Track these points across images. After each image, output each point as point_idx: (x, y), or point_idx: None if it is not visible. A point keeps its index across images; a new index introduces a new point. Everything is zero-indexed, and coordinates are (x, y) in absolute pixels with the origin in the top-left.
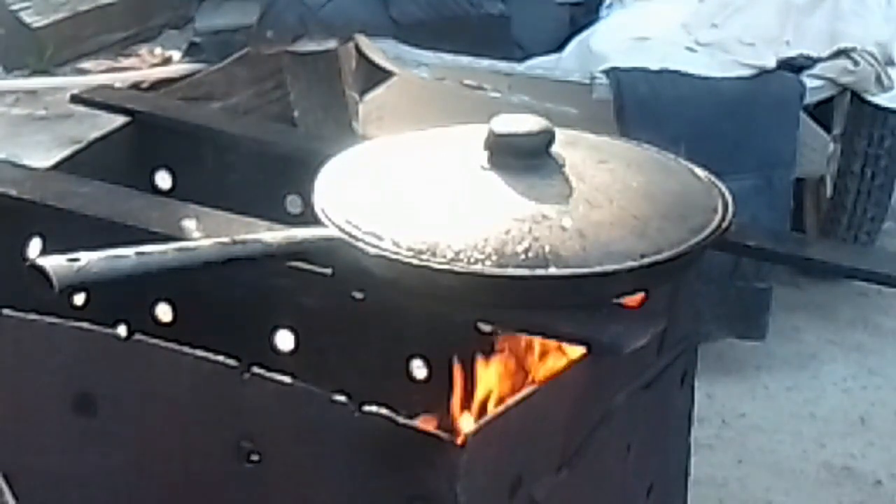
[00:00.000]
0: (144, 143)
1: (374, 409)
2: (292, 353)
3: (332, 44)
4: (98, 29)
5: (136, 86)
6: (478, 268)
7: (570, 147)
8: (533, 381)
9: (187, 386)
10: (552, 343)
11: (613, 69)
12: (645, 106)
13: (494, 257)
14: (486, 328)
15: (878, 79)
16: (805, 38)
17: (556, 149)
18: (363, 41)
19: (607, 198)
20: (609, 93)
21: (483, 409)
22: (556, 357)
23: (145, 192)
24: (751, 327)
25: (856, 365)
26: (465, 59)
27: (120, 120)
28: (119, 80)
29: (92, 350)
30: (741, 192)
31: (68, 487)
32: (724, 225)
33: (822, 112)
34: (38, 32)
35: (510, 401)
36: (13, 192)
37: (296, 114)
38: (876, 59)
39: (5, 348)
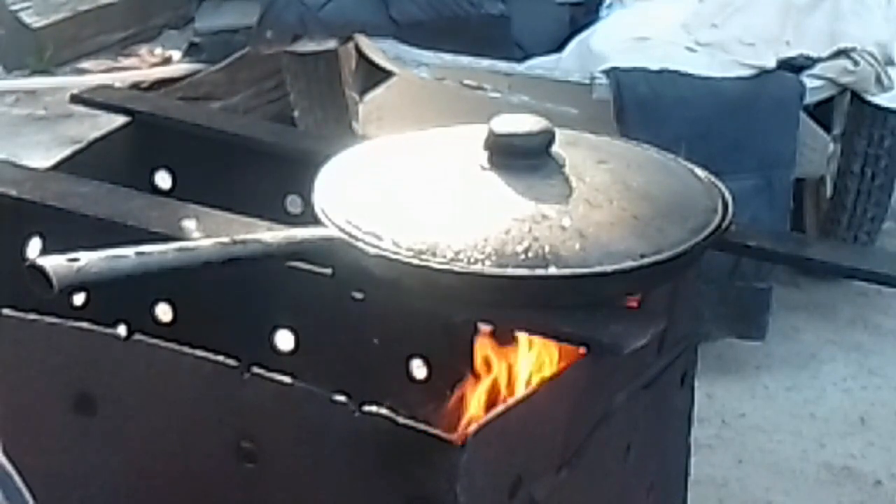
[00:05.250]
0: (144, 143)
1: (374, 409)
2: (292, 353)
3: (332, 44)
4: (98, 29)
5: (136, 86)
6: (478, 268)
7: (570, 147)
8: (533, 381)
9: (187, 386)
10: (552, 343)
11: (613, 69)
12: (645, 106)
13: (494, 257)
14: (486, 328)
15: (878, 79)
16: (805, 38)
17: (556, 149)
18: (363, 41)
19: (607, 198)
20: (609, 93)
21: (483, 408)
22: (555, 357)
23: (145, 192)
24: (751, 327)
25: (856, 365)
26: (465, 59)
27: (120, 120)
28: (119, 80)
29: (92, 350)
30: (741, 192)
31: (68, 487)
32: (724, 225)
33: (822, 112)
34: (38, 32)
35: (510, 401)
36: (13, 192)
37: (296, 114)
38: (876, 59)
39: (5, 348)
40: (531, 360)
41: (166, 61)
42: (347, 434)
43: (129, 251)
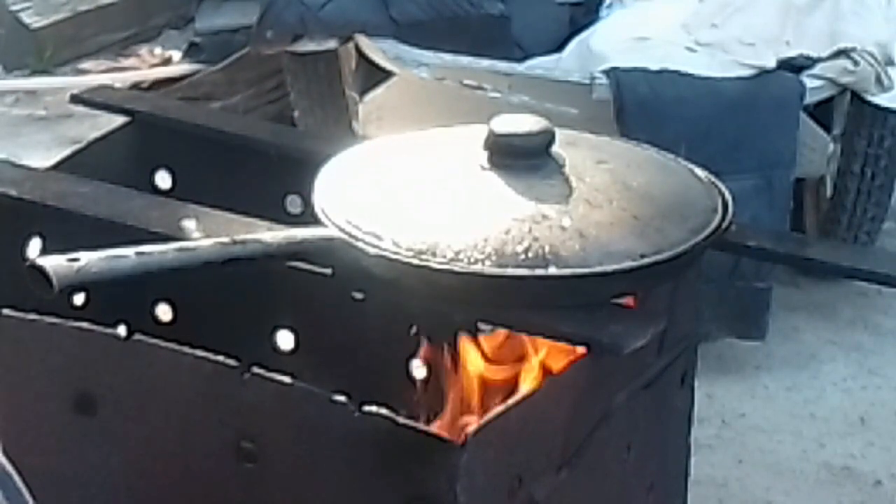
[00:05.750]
0: (144, 143)
1: (374, 409)
2: (292, 353)
3: (332, 44)
4: (98, 29)
5: (136, 86)
6: (478, 268)
7: (570, 147)
8: (533, 381)
9: (187, 386)
10: (552, 343)
11: (613, 69)
12: (645, 106)
13: (494, 257)
14: (486, 328)
15: (878, 79)
16: (805, 38)
17: (556, 149)
18: (363, 41)
19: (607, 198)
20: (609, 93)
21: (483, 409)
22: (555, 357)
23: (145, 192)
24: (751, 327)
25: (856, 365)
26: (465, 59)
27: (120, 120)
28: (119, 80)
29: (92, 350)
30: (741, 192)
31: (68, 487)
32: (724, 225)
33: (822, 112)
34: (38, 32)
35: (510, 401)
36: (13, 192)
37: (296, 114)
38: (876, 59)
39: (5, 348)
40: (531, 360)
41: (166, 61)
42: (347, 434)
43: (129, 251)
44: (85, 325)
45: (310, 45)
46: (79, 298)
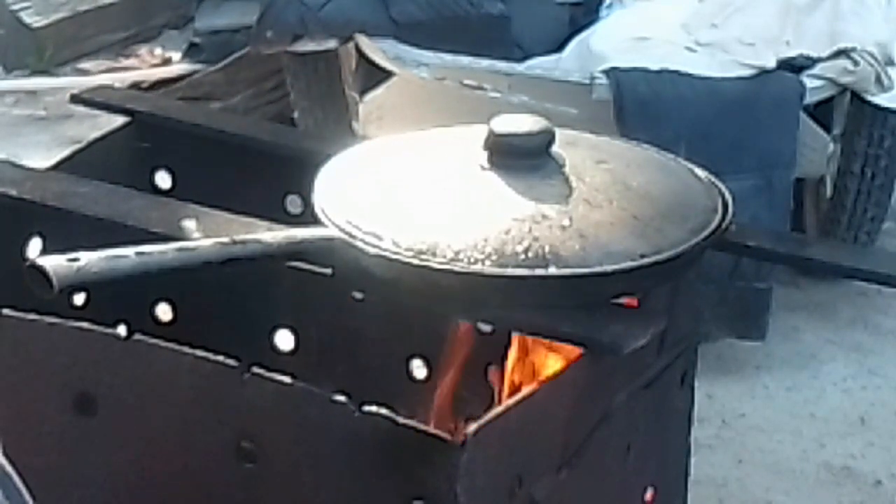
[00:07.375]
0: (144, 143)
1: (374, 409)
2: (292, 353)
3: (332, 44)
4: (98, 29)
5: (136, 86)
6: (478, 268)
7: (570, 147)
8: (533, 381)
9: (187, 386)
10: (552, 343)
11: (613, 69)
12: (645, 106)
13: (494, 257)
14: (486, 328)
15: (878, 79)
16: (805, 38)
17: (556, 149)
18: (363, 41)
19: (607, 198)
20: (609, 93)
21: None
22: (556, 357)
23: (145, 192)
24: (751, 327)
25: (856, 365)
26: (465, 59)
27: (120, 120)
28: (119, 80)
29: (92, 350)
30: (741, 192)
31: (68, 487)
32: (724, 225)
33: (822, 112)
34: (38, 32)
35: (510, 401)
36: (13, 192)
37: (296, 114)
38: (876, 59)
39: (5, 348)
40: (531, 360)
41: (166, 61)
42: (347, 434)
43: (129, 251)
44: (85, 325)
45: (310, 45)
46: (79, 298)
